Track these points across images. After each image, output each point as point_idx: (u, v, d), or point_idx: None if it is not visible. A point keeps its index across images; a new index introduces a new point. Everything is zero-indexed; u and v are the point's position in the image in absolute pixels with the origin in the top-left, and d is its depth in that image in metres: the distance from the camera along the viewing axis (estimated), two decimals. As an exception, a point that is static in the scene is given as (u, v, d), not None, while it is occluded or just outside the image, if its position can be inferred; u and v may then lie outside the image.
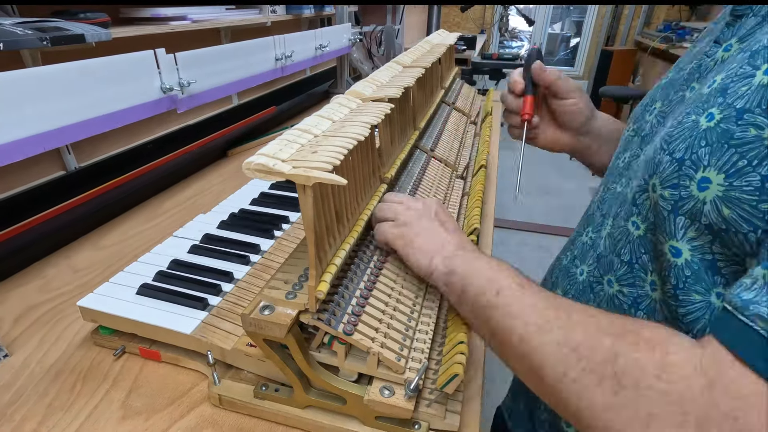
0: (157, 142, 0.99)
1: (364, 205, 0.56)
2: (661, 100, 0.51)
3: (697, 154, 0.37)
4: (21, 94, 0.61)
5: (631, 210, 0.46)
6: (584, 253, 0.55)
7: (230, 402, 0.48)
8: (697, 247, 0.37)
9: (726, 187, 0.34)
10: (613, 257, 0.48)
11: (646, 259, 0.44)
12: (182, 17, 0.99)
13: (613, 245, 0.49)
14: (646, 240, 0.44)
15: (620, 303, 0.47)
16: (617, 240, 0.48)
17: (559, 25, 5.28)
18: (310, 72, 1.72)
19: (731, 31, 0.44)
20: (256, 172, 0.37)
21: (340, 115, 0.51)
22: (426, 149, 0.87)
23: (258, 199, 0.84)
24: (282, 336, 0.41)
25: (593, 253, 0.53)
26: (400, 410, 0.43)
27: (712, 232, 0.36)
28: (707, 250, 0.37)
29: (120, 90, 0.77)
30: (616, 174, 0.54)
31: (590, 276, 0.52)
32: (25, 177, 0.74)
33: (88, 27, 0.71)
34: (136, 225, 0.84)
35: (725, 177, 0.34)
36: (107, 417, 0.47)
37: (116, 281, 0.59)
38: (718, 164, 0.35)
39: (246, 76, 1.13)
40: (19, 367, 0.53)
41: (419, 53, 1.00)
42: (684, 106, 0.44)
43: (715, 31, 0.48)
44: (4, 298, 0.64)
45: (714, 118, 0.36)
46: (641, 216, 0.44)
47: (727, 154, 0.34)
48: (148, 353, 0.55)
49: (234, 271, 0.62)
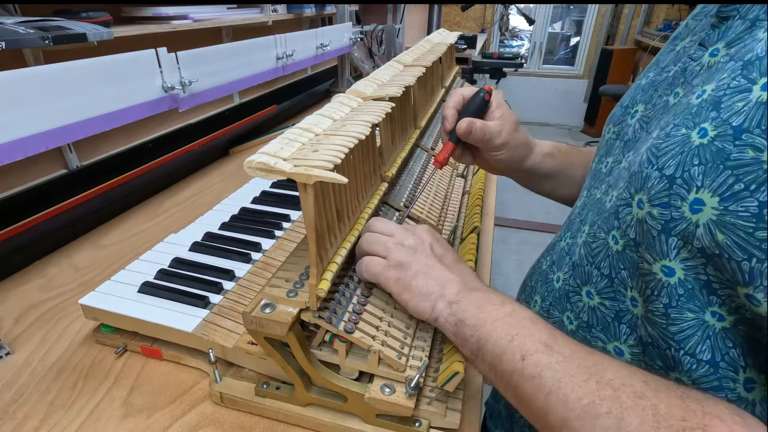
0: (159, 141, 0.99)
1: (364, 204, 0.56)
2: (643, 102, 0.49)
3: (689, 173, 0.34)
4: (23, 93, 0.61)
5: (612, 223, 0.43)
6: (560, 258, 0.53)
7: (231, 400, 0.48)
8: (690, 267, 0.35)
9: (720, 211, 0.32)
10: (590, 268, 0.46)
11: (624, 275, 0.42)
12: (184, 16, 0.99)
13: (589, 255, 0.46)
14: (625, 256, 0.41)
15: (603, 315, 0.45)
16: (595, 251, 0.46)
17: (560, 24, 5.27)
18: (311, 71, 1.72)
19: (717, 33, 0.41)
20: (258, 170, 0.37)
21: (341, 114, 0.51)
22: (427, 148, 0.87)
23: (259, 198, 0.84)
24: (283, 334, 0.41)
25: (569, 260, 0.50)
26: (400, 408, 0.43)
27: (705, 256, 0.34)
28: (701, 271, 0.35)
29: (121, 89, 0.77)
30: (598, 180, 0.52)
31: (566, 284, 0.50)
32: (26, 176, 0.74)
33: (90, 26, 0.71)
34: (138, 223, 0.84)
35: (720, 200, 0.32)
36: (109, 415, 0.48)
37: (118, 279, 0.59)
38: (712, 186, 0.33)
39: (247, 75, 1.14)
40: (21, 365, 0.53)
41: (420, 52, 1.00)
42: (669, 114, 0.42)
43: (697, 30, 0.46)
44: (6, 297, 0.64)
45: (707, 135, 0.34)
46: (620, 230, 0.42)
47: (723, 175, 0.32)
48: (150, 351, 0.55)
49: (235, 270, 0.62)
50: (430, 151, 0.86)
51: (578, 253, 0.48)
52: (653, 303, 0.38)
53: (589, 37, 5.03)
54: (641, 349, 0.41)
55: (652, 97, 0.48)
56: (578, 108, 5.23)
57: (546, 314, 0.53)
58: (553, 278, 0.53)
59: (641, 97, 0.50)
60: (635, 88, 0.52)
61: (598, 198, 0.49)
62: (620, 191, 0.43)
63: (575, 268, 0.49)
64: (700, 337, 0.36)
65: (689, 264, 0.35)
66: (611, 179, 0.48)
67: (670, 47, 0.50)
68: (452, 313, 0.42)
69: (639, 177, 0.39)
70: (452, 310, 0.42)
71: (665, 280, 0.37)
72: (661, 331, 0.38)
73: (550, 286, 0.53)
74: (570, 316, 0.49)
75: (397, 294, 0.45)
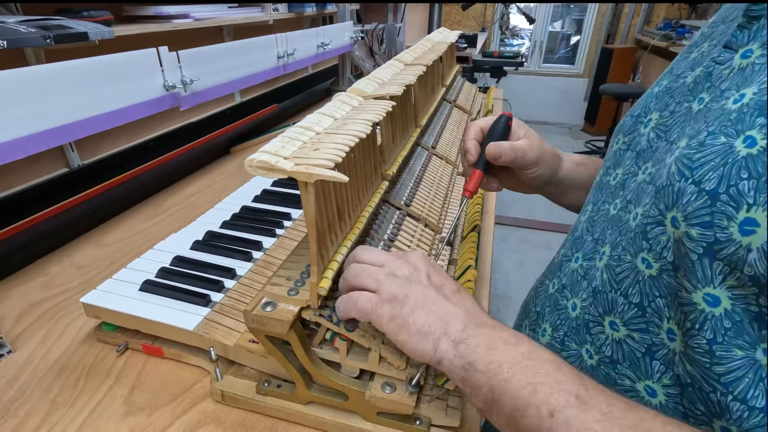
0: (160, 140, 0.99)
1: (365, 203, 0.56)
2: (658, 110, 0.45)
3: (736, 188, 0.30)
4: (24, 92, 0.61)
5: (640, 244, 0.39)
6: (575, 283, 0.48)
7: (232, 398, 0.49)
8: (739, 296, 0.31)
9: None
10: (615, 296, 0.42)
11: (661, 304, 0.38)
12: (185, 15, 0.99)
13: (614, 281, 0.42)
14: (661, 282, 0.37)
15: (630, 350, 0.41)
16: (621, 276, 0.41)
17: (560, 23, 5.26)
18: (312, 70, 1.72)
19: (747, 34, 0.37)
20: (259, 169, 0.37)
21: (341, 113, 0.51)
22: (427, 146, 0.87)
23: (260, 196, 0.85)
24: (284, 332, 0.42)
25: (588, 286, 0.46)
26: (401, 406, 0.43)
27: (758, 285, 0.30)
28: (752, 301, 0.31)
29: (123, 88, 0.77)
30: (608, 192, 0.48)
31: (585, 313, 0.46)
32: (28, 174, 0.75)
33: (92, 25, 0.71)
34: (139, 222, 0.84)
35: None
36: (110, 413, 0.48)
37: (119, 278, 0.60)
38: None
39: (248, 74, 1.14)
40: (22, 364, 0.54)
41: (420, 51, 1.00)
42: (697, 121, 0.38)
43: (715, 35, 0.43)
44: (8, 296, 0.64)
45: (757, 144, 0.30)
46: (654, 253, 0.37)
47: None
48: (151, 349, 0.55)
49: (236, 268, 0.62)
50: (430, 150, 0.87)
51: (600, 278, 0.44)
52: (694, 338, 0.34)
53: (590, 36, 5.03)
54: (679, 390, 0.37)
55: (668, 105, 0.44)
56: (578, 107, 5.23)
57: (560, 346, 0.49)
58: (567, 305, 0.48)
59: (655, 105, 0.46)
60: (647, 96, 0.49)
61: (615, 215, 0.45)
62: (646, 208, 0.39)
63: (596, 296, 0.44)
64: (752, 379, 0.31)
65: (737, 293, 0.31)
66: (628, 194, 0.44)
67: (684, 55, 0.47)
68: (459, 354, 0.36)
69: (669, 191, 0.35)
70: (459, 351, 0.36)
71: (708, 311, 0.33)
72: (703, 372, 0.34)
73: (564, 314, 0.49)
74: (590, 349, 0.45)
75: (393, 334, 0.38)
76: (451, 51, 1.41)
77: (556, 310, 0.50)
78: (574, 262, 0.50)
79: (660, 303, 0.38)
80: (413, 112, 0.85)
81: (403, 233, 0.59)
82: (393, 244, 0.56)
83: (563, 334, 0.48)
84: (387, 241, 0.56)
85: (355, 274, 0.41)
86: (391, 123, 0.68)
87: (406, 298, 0.39)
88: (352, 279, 0.41)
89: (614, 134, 0.52)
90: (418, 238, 0.61)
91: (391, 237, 0.57)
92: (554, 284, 0.52)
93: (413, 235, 0.61)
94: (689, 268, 0.33)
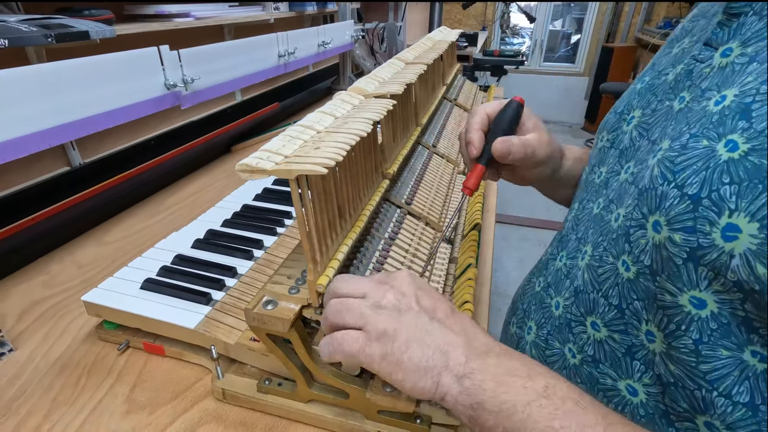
0: (161, 139, 0.99)
1: (366, 201, 0.56)
2: (640, 108, 0.45)
3: (718, 193, 0.30)
4: (26, 91, 0.61)
5: (623, 247, 0.39)
6: (558, 282, 0.48)
7: (234, 396, 0.49)
8: (725, 300, 0.31)
9: (761, 239, 0.27)
10: (597, 296, 0.41)
11: (638, 307, 0.37)
12: (186, 14, 0.99)
13: (596, 281, 0.42)
14: (638, 286, 0.37)
15: (612, 350, 0.41)
16: (602, 277, 0.41)
17: (560, 22, 5.26)
18: (312, 69, 1.72)
19: (727, 32, 0.37)
20: (242, 173, 0.38)
21: (342, 112, 0.51)
22: (428, 145, 0.87)
23: (261, 195, 0.85)
24: (285, 331, 0.42)
25: (570, 285, 0.46)
26: (402, 405, 0.43)
27: (742, 291, 0.29)
28: (738, 306, 0.30)
29: (124, 86, 0.77)
30: (592, 191, 0.48)
31: (567, 312, 0.45)
32: (29, 173, 0.75)
33: (93, 24, 0.71)
34: (140, 221, 0.84)
35: (760, 226, 0.27)
36: (111, 411, 0.48)
37: (120, 276, 0.60)
38: (749, 209, 0.28)
39: (249, 72, 1.14)
40: (24, 362, 0.54)
41: (421, 50, 1.00)
42: (678, 121, 0.38)
43: (696, 30, 0.43)
44: (9, 294, 0.64)
45: (738, 148, 0.30)
46: (632, 256, 0.37)
47: (762, 196, 0.27)
48: (152, 348, 0.55)
49: (237, 267, 0.62)
50: (431, 149, 0.87)
51: (581, 278, 0.44)
52: (679, 339, 0.34)
53: (590, 34, 5.03)
54: (660, 389, 0.38)
55: (650, 102, 0.44)
56: (579, 105, 5.23)
57: (544, 344, 0.49)
58: (551, 303, 0.48)
59: (637, 102, 0.46)
60: (630, 92, 0.48)
61: (597, 214, 0.45)
62: (629, 209, 0.38)
63: (578, 295, 0.44)
64: (737, 377, 0.32)
65: (723, 297, 0.31)
66: (611, 193, 0.44)
67: (666, 50, 0.47)
68: (464, 391, 0.33)
69: (652, 194, 0.35)
70: (464, 388, 0.33)
71: (695, 313, 0.32)
72: (688, 370, 0.34)
73: (548, 312, 0.48)
74: (573, 348, 0.45)
75: (387, 374, 0.35)
76: (452, 50, 1.41)
77: (540, 309, 0.50)
78: (558, 261, 0.49)
79: (638, 306, 0.37)
80: (414, 111, 0.85)
81: (404, 232, 0.59)
82: (394, 242, 0.56)
83: (547, 333, 0.48)
84: (388, 239, 0.56)
85: (335, 311, 0.38)
86: (392, 122, 0.68)
87: (396, 332, 0.35)
88: (333, 317, 0.38)
89: (598, 131, 0.51)
90: (419, 237, 0.61)
91: (391, 235, 0.57)
92: (540, 282, 0.52)
93: (414, 233, 0.61)
94: (674, 273, 0.33)
